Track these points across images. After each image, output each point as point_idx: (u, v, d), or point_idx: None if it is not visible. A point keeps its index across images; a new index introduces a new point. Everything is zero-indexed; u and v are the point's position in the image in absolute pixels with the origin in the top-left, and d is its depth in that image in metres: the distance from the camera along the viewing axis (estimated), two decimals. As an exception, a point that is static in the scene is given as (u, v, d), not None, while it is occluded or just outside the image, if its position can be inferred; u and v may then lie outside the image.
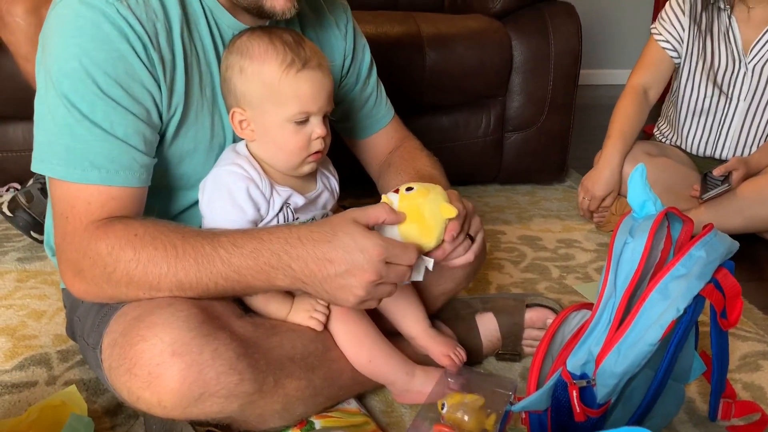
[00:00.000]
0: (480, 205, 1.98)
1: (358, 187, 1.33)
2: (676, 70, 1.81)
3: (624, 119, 1.76)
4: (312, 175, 0.99)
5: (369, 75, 1.15)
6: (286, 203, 0.94)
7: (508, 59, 1.96)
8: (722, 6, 1.69)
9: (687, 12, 1.74)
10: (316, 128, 0.92)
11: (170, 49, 0.87)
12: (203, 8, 0.91)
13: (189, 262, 0.81)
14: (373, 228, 0.84)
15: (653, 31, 1.80)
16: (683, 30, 1.75)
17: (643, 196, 0.85)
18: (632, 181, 0.86)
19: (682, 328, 0.82)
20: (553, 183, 2.18)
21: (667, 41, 1.77)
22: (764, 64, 1.68)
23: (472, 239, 0.92)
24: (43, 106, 0.85)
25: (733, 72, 1.71)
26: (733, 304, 0.85)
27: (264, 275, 0.82)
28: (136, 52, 0.83)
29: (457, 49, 1.90)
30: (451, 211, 0.85)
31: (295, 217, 0.96)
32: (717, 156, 1.79)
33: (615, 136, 1.75)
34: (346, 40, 1.10)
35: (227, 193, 0.91)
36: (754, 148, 1.73)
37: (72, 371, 1.11)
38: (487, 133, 2.04)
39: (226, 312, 0.88)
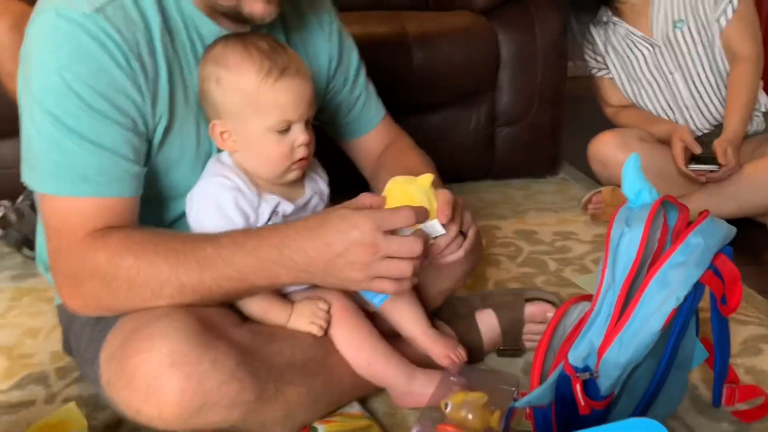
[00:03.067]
0: (474, 201, 1.98)
1: (352, 187, 1.32)
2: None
3: (641, 119, 1.86)
4: (300, 181, 0.98)
5: (357, 76, 1.14)
6: (274, 211, 0.93)
7: (495, 55, 1.96)
8: (607, 20, 1.84)
9: (594, 44, 1.90)
10: (299, 136, 0.91)
11: (152, 58, 0.86)
12: (183, 15, 0.90)
13: (191, 264, 0.81)
14: None
15: (590, 71, 1.95)
16: (601, 58, 1.90)
17: (638, 185, 0.85)
18: (626, 170, 0.85)
19: (683, 316, 0.82)
20: (546, 176, 2.18)
21: (599, 69, 1.92)
22: (666, 33, 1.77)
23: (464, 236, 0.92)
24: (28, 122, 0.84)
25: (653, 56, 1.80)
26: (732, 289, 0.84)
27: (266, 272, 0.82)
28: (117, 63, 0.82)
29: (443, 47, 1.90)
30: (428, 177, 0.85)
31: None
32: (696, 127, 1.83)
33: (648, 123, 1.83)
34: (331, 42, 1.09)
35: (215, 206, 0.90)
36: (715, 101, 1.79)
37: (70, 388, 1.10)
38: (478, 129, 2.04)
39: (224, 321, 0.88)
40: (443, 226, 0.86)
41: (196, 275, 0.81)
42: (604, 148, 1.80)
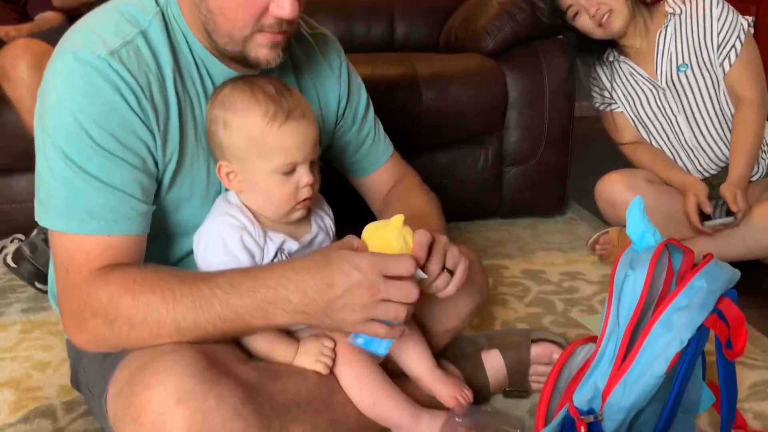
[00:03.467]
0: (482, 240, 1.99)
1: (358, 221, 1.34)
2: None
3: (656, 163, 1.84)
4: (306, 218, 0.99)
5: (366, 114, 1.17)
6: (280, 249, 0.94)
7: (503, 96, 1.99)
8: (613, 58, 1.85)
9: (599, 80, 1.90)
10: (303, 177, 0.92)
11: (163, 99, 0.88)
12: (194, 57, 0.92)
13: (186, 305, 0.82)
14: None
15: (598, 107, 1.94)
16: (608, 93, 1.90)
17: (641, 227, 0.86)
18: (630, 213, 0.86)
19: (688, 360, 0.82)
20: (554, 215, 2.19)
21: (608, 104, 1.91)
22: (670, 76, 1.78)
23: (452, 273, 0.91)
24: (42, 160, 0.87)
25: (657, 97, 1.81)
26: (737, 333, 0.84)
27: (262, 312, 0.82)
28: (128, 104, 0.85)
29: (452, 88, 1.93)
30: (399, 218, 0.86)
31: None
32: (703, 169, 1.83)
33: (664, 169, 1.81)
34: (340, 83, 1.12)
35: (221, 244, 0.91)
36: (716, 146, 1.80)
37: (77, 422, 1.10)
38: (486, 168, 2.06)
39: (230, 357, 0.88)
40: (420, 269, 0.86)
41: (191, 316, 0.82)
42: (612, 188, 1.80)
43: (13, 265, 1.56)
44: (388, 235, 0.86)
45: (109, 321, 0.83)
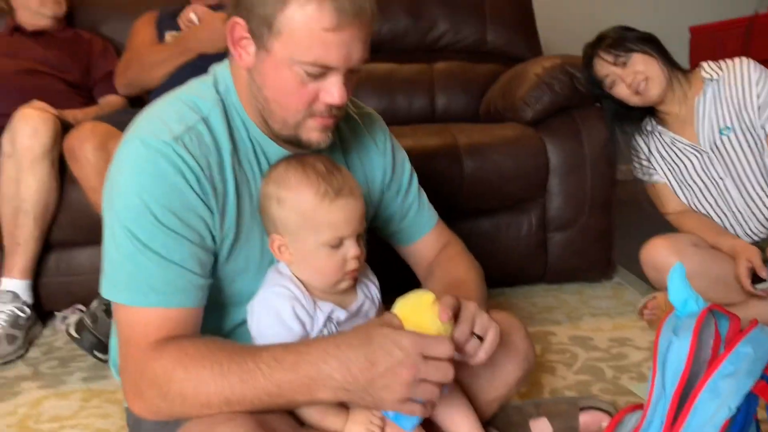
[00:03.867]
0: (528, 306, 1.98)
1: (403, 288, 1.36)
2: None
3: (705, 230, 1.82)
4: (352, 288, 1.03)
5: (410, 186, 1.21)
6: (329, 318, 0.98)
7: (544, 163, 2.02)
8: (651, 128, 1.87)
9: (640, 151, 1.90)
10: (351, 249, 0.97)
11: (222, 179, 0.95)
12: (251, 139, 1.00)
13: (234, 379, 0.84)
14: None
15: (640, 178, 1.95)
16: (648, 163, 1.91)
17: (683, 294, 0.86)
18: (672, 279, 0.87)
19: (738, 428, 0.81)
20: (601, 280, 2.17)
21: (650, 176, 1.92)
22: (713, 140, 1.77)
23: (482, 339, 0.92)
24: (109, 237, 0.93)
25: (702, 162, 1.80)
26: (789, 400, 0.83)
27: (305, 388, 0.84)
28: (190, 185, 0.91)
29: (493, 157, 1.97)
30: (429, 296, 0.88)
31: (339, 331, 0.99)
32: (752, 232, 1.80)
33: (713, 234, 1.80)
34: (385, 157, 1.17)
35: (275, 314, 0.95)
36: (765, 208, 1.78)
37: (133, 490, 1.13)
38: (529, 234, 2.07)
39: (282, 425, 0.90)
40: (445, 327, 0.88)
41: (239, 390, 0.84)
42: (657, 254, 1.78)
43: (75, 335, 1.63)
44: (422, 316, 0.88)
45: (163, 393, 0.87)
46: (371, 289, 1.07)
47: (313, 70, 0.90)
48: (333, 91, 0.91)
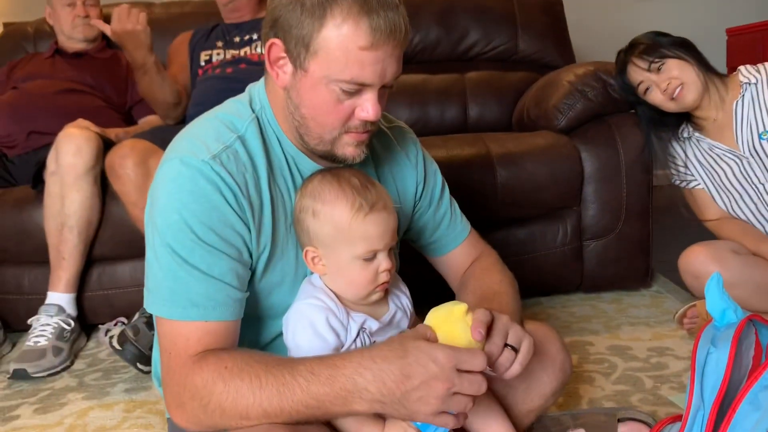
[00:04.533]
0: (565, 316, 1.96)
1: (435, 299, 1.37)
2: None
3: (746, 236, 1.80)
4: (384, 299, 1.04)
5: (441, 197, 1.22)
6: (362, 328, 0.99)
7: (579, 171, 2.01)
8: (688, 135, 1.84)
9: (677, 157, 1.88)
10: (383, 262, 0.98)
11: (258, 195, 0.97)
12: (285, 155, 1.02)
13: (272, 392, 0.86)
14: None
15: (678, 184, 1.92)
16: (685, 170, 1.88)
17: (722, 304, 0.85)
18: (709, 290, 0.86)
19: (781, 440, 0.79)
20: (639, 289, 2.14)
21: (688, 182, 1.89)
22: (752, 144, 1.74)
23: (516, 350, 0.92)
24: (151, 253, 0.96)
25: (741, 168, 1.77)
26: (834, 412, 0.81)
27: (341, 401, 0.85)
28: (227, 202, 0.94)
29: (526, 165, 1.97)
30: (461, 309, 0.88)
31: (372, 341, 1.00)
32: None
33: (754, 241, 1.77)
34: (417, 170, 1.18)
35: (309, 325, 0.97)
36: None
37: (175, 500, 1.15)
38: (565, 243, 2.06)
39: (320, 437, 0.92)
40: (478, 342, 0.88)
41: (276, 402, 0.86)
42: (696, 261, 1.74)
43: (118, 347, 1.67)
44: (454, 327, 0.89)
45: (203, 405, 0.89)
46: (402, 300, 1.08)
47: (349, 87, 0.92)
48: (368, 107, 0.94)
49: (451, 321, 0.89)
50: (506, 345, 0.91)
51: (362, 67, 0.90)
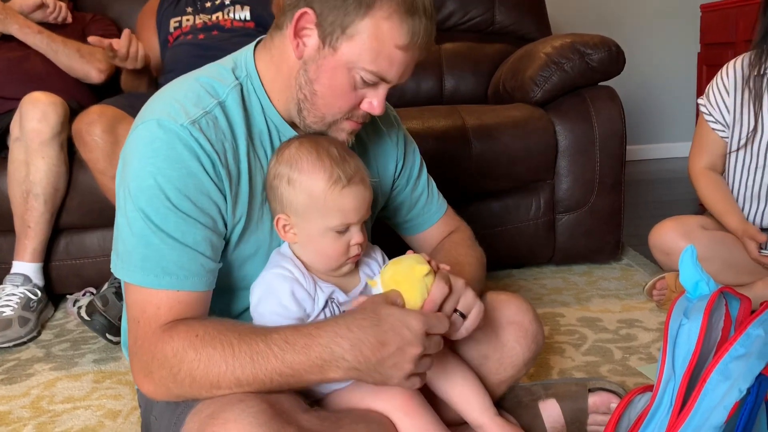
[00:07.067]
0: (537, 288, 1.98)
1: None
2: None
3: (717, 200, 1.75)
4: (355, 270, 1.03)
5: (419, 176, 1.22)
6: (330, 298, 0.98)
7: (553, 144, 2.01)
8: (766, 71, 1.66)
9: (732, 91, 1.72)
10: (355, 236, 0.98)
11: (236, 165, 0.95)
12: (268, 126, 1.00)
13: (245, 360, 0.85)
14: None
15: (702, 109, 1.79)
16: (728, 113, 1.73)
17: (695, 276, 0.86)
18: (683, 262, 0.87)
19: (748, 409, 0.81)
20: (609, 262, 2.17)
21: (717, 122, 1.76)
22: None
23: (464, 317, 0.95)
24: (122, 218, 0.93)
25: None
26: (800, 382, 0.83)
27: (317, 369, 0.85)
28: (205, 169, 0.91)
29: (501, 138, 1.97)
30: (422, 269, 0.90)
31: (342, 310, 0.99)
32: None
33: (724, 212, 1.72)
34: (397, 148, 1.18)
35: (273, 295, 0.96)
36: None
37: (147, 470, 1.15)
38: (538, 216, 2.07)
39: (293, 406, 0.91)
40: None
41: (249, 371, 0.86)
42: (666, 237, 1.76)
43: (86, 317, 1.64)
44: (413, 287, 0.91)
45: (173, 373, 0.87)
46: (373, 268, 1.07)
47: (370, 78, 0.93)
48: (375, 102, 0.96)
49: (411, 280, 0.91)
50: (456, 311, 0.93)
51: (391, 64, 0.92)
